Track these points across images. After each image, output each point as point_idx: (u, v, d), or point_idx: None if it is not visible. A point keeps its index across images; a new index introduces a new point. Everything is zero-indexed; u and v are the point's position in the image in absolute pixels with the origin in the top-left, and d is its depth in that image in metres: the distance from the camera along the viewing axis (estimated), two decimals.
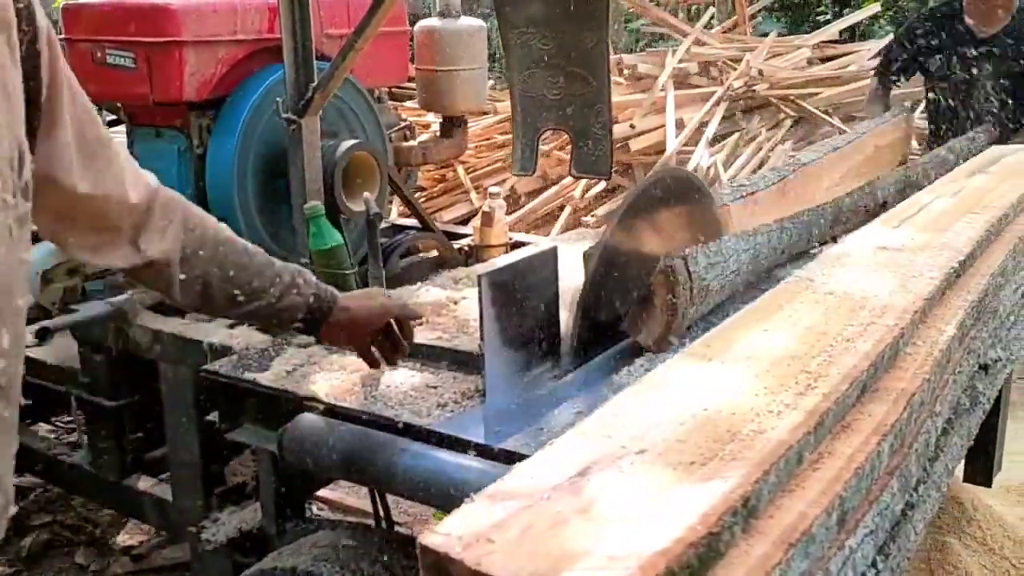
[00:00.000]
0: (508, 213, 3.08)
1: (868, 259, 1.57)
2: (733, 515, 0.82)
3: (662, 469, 0.89)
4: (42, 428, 3.02)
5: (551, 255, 1.62)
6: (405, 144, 2.51)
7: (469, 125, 2.88)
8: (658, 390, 1.08)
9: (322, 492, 2.54)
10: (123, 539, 2.87)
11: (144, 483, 2.19)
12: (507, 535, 0.77)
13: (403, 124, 2.55)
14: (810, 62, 5.98)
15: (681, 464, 0.90)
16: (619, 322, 1.63)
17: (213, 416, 1.78)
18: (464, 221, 4.47)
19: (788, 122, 5.34)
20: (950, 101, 3.64)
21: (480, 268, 2.01)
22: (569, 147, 2.03)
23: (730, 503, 0.83)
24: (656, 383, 1.10)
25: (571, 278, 1.63)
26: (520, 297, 1.54)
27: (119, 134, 2.25)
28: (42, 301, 2.44)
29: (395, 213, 3.18)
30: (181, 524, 2.06)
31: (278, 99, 1.95)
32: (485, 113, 5.33)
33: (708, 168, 4.67)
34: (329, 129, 2.07)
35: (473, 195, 5.04)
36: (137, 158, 2.12)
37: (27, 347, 1.00)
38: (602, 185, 4.85)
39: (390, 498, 1.82)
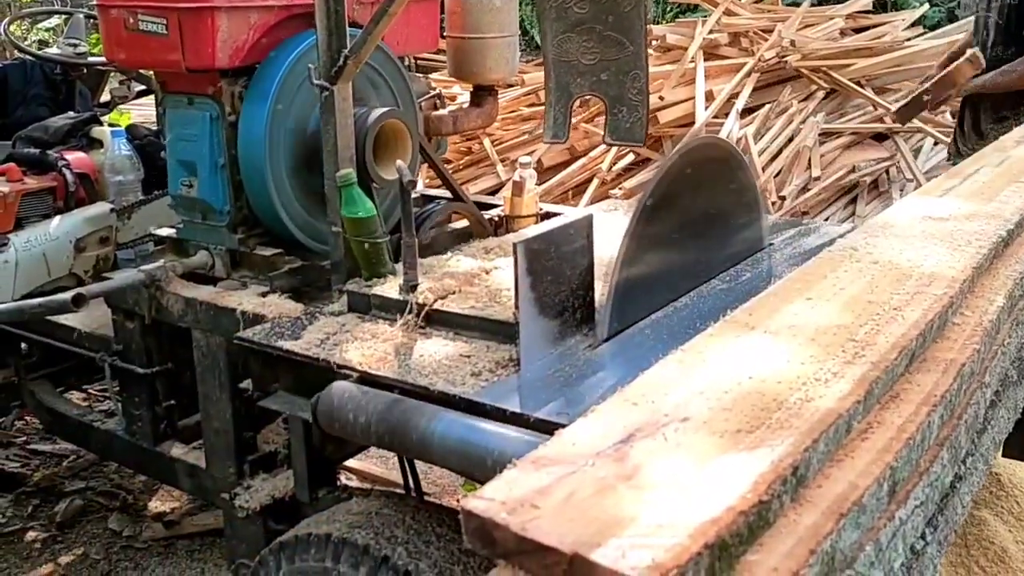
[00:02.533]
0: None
1: (913, 228, 1.53)
2: (783, 483, 0.80)
3: (707, 437, 0.87)
4: (75, 395, 3.05)
5: (586, 223, 1.60)
6: (435, 113, 2.48)
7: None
8: (700, 358, 1.06)
9: (348, 462, 2.55)
10: (155, 505, 2.91)
11: (177, 450, 2.22)
12: (552, 501, 0.76)
13: (433, 92, 2.52)
14: (843, 33, 5.86)
15: (727, 432, 0.88)
16: (654, 292, 1.61)
17: (246, 384, 1.79)
18: (491, 194, 4.43)
19: (820, 94, 5.25)
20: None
21: (513, 237, 1.99)
22: (598, 118, 2.00)
23: (779, 471, 0.81)
24: (698, 351, 1.08)
25: (605, 247, 1.61)
26: (555, 265, 1.52)
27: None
28: (75, 269, 2.46)
29: (421, 184, 3.15)
30: (214, 491, 2.08)
31: (310, 66, 1.93)
32: (511, 85, 5.27)
33: (739, 140, 4.61)
34: (360, 97, 2.04)
35: (499, 168, 5.00)
36: (169, 126, 2.16)
37: (62, 315, 0.98)
38: (630, 157, 4.80)
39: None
